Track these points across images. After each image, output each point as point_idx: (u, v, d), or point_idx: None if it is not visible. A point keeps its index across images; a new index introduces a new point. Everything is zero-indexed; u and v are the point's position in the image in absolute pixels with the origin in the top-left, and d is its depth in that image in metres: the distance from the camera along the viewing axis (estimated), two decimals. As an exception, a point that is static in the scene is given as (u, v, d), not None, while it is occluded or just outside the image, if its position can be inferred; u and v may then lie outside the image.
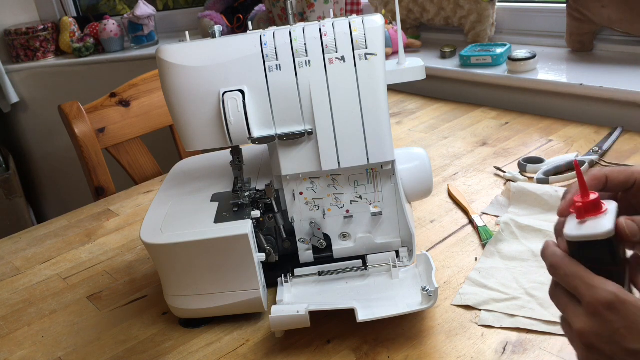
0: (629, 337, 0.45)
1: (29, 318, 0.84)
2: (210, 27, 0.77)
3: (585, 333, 0.47)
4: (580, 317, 0.48)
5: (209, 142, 0.76)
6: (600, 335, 0.47)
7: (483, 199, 0.98)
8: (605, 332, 0.46)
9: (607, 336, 0.46)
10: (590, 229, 0.49)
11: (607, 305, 0.46)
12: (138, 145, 1.36)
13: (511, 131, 1.24)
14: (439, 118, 1.37)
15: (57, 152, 2.45)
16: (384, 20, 0.75)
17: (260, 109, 0.74)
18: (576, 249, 0.50)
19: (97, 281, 0.90)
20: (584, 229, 0.49)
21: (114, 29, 2.26)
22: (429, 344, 0.68)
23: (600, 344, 0.47)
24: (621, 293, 0.46)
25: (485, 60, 1.45)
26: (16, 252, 1.03)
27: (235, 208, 0.76)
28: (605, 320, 0.46)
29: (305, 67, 0.73)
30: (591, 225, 0.49)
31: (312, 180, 0.78)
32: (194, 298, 0.74)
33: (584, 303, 0.48)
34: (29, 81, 2.37)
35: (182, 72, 0.74)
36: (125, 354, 0.74)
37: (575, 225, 0.50)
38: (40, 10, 2.46)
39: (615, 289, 0.46)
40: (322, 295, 0.76)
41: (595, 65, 1.35)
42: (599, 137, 1.14)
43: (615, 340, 0.46)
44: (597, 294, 0.46)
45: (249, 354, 0.71)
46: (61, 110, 1.28)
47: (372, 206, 0.79)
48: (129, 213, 1.12)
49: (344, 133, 0.74)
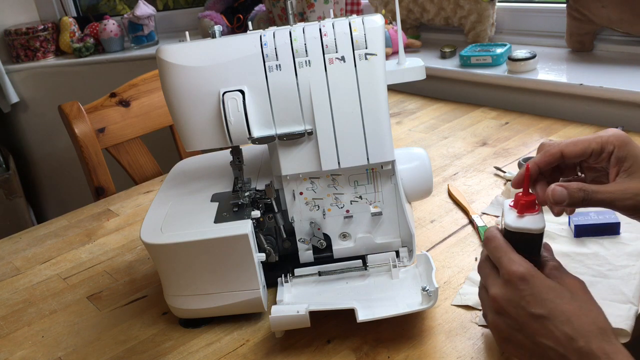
0: (533, 303, 0.55)
1: (29, 318, 0.84)
2: (210, 27, 0.77)
3: (498, 298, 0.57)
4: (497, 285, 0.58)
5: (209, 142, 0.76)
6: (510, 300, 0.56)
7: (483, 199, 0.98)
8: (515, 298, 0.56)
9: (516, 301, 0.56)
10: (528, 223, 0.59)
11: (520, 276, 0.56)
12: (138, 145, 1.36)
13: (511, 131, 1.24)
14: (439, 118, 1.37)
15: (57, 152, 2.45)
16: (384, 20, 0.75)
17: (260, 109, 0.74)
18: (511, 236, 0.60)
19: (97, 281, 0.90)
20: (522, 222, 0.59)
21: (114, 29, 2.26)
22: (429, 344, 0.68)
23: (509, 307, 0.56)
24: (533, 270, 0.56)
25: (485, 60, 1.45)
26: (16, 252, 1.03)
27: (235, 208, 0.76)
28: (516, 288, 0.56)
29: (305, 67, 0.73)
30: (529, 220, 0.59)
31: (312, 180, 0.78)
32: (194, 298, 0.74)
33: (502, 273, 0.57)
34: (29, 81, 2.37)
35: (182, 72, 0.74)
36: (125, 354, 0.74)
37: (515, 217, 0.60)
38: (40, 10, 2.46)
39: (529, 266, 0.56)
40: (322, 295, 0.76)
41: (595, 65, 1.35)
42: (599, 137, 1.14)
43: (521, 305, 0.55)
44: (514, 266, 0.56)
45: (249, 354, 0.71)
46: (61, 110, 1.28)
47: (372, 206, 0.79)
48: (129, 213, 1.12)
49: (344, 133, 0.74)
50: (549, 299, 0.55)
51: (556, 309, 0.54)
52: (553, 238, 0.82)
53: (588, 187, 0.58)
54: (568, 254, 0.78)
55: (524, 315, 0.55)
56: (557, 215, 0.62)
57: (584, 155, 0.60)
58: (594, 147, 0.59)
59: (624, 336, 0.65)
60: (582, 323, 0.53)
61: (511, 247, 0.59)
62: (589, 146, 0.59)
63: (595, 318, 0.54)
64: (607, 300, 0.70)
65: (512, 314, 0.56)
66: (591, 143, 0.59)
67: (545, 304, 0.55)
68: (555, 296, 0.55)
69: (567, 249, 0.79)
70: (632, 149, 0.59)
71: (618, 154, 0.59)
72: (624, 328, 0.65)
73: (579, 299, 0.55)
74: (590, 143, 0.60)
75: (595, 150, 0.59)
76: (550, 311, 0.54)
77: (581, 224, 0.81)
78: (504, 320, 0.58)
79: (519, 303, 0.56)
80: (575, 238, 0.82)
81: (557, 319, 0.54)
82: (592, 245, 0.80)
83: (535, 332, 0.55)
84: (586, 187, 0.58)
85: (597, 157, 0.60)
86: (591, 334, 0.53)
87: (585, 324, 0.53)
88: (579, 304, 0.55)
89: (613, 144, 0.59)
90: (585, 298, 0.56)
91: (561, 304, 0.54)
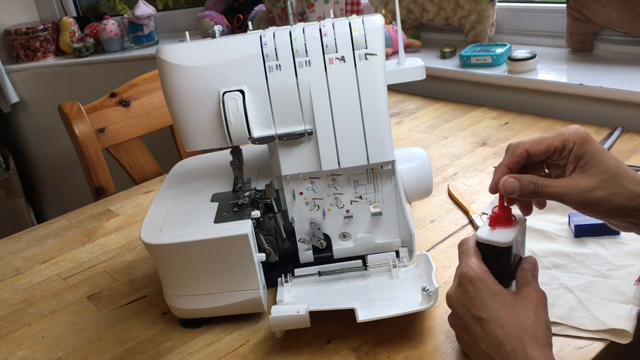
0: (477, 305, 0.59)
1: (29, 318, 0.84)
2: (210, 27, 0.76)
3: (450, 296, 0.62)
4: (453, 285, 0.63)
5: (209, 142, 0.76)
6: (458, 300, 0.61)
7: (483, 199, 0.98)
8: (462, 298, 0.60)
9: (462, 301, 0.60)
10: (495, 236, 0.62)
11: (469, 278, 0.60)
12: (138, 145, 1.36)
13: (511, 131, 1.24)
14: (439, 118, 1.37)
15: (57, 152, 2.45)
16: (384, 20, 0.75)
17: (260, 109, 0.74)
18: (480, 246, 0.63)
19: (97, 281, 0.90)
20: (491, 235, 0.62)
21: (114, 29, 2.26)
22: (429, 344, 0.68)
23: (457, 307, 0.61)
24: (483, 275, 0.60)
25: (485, 60, 1.45)
26: (16, 252, 1.03)
27: (235, 208, 0.76)
28: (464, 289, 0.60)
29: (305, 67, 0.73)
30: (497, 234, 0.62)
31: (312, 180, 0.78)
32: (194, 298, 0.74)
33: (457, 274, 0.62)
34: (29, 81, 2.37)
35: (182, 72, 0.74)
36: (125, 354, 0.74)
37: (487, 230, 0.63)
38: (40, 10, 2.46)
39: (481, 271, 0.60)
40: (322, 295, 0.76)
41: (595, 65, 1.35)
42: (599, 137, 1.14)
43: (466, 306, 0.60)
44: (466, 269, 0.61)
45: (249, 354, 0.71)
46: (61, 110, 1.28)
47: (372, 206, 0.79)
48: (129, 213, 1.12)
49: (344, 133, 0.74)
50: (489, 303, 0.58)
51: (494, 313, 0.58)
52: (553, 238, 0.82)
53: (540, 180, 0.60)
54: (568, 254, 0.78)
55: (468, 315, 0.60)
56: (526, 215, 0.65)
57: (548, 153, 0.62)
58: (556, 144, 0.61)
59: (625, 337, 0.65)
60: (513, 329, 0.56)
61: (475, 253, 0.62)
62: (552, 144, 0.61)
63: (530, 326, 0.56)
64: (607, 300, 0.69)
65: (460, 314, 0.61)
66: (554, 141, 0.61)
67: (486, 308, 0.58)
68: (496, 302, 0.58)
69: (567, 249, 0.79)
70: (590, 146, 0.60)
71: (576, 151, 0.61)
72: (626, 329, 0.65)
73: (521, 307, 0.58)
74: (552, 141, 0.62)
75: (557, 147, 0.61)
76: (488, 314, 0.58)
77: (581, 224, 0.81)
78: (455, 319, 0.63)
79: (464, 303, 0.60)
80: (576, 238, 0.82)
81: (492, 323, 0.57)
82: (592, 245, 0.80)
83: (474, 333, 0.59)
84: (538, 180, 0.60)
85: (559, 154, 0.62)
86: (519, 340, 0.55)
87: (516, 330, 0.56)
88: (517, 311, 0.57)
89: (574, 141, 0.61)
90: (529, 307, 0.58)
91: (499, 309, 0.58)
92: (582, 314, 0.68)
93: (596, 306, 0.69)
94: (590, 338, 0.66)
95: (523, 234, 0.65)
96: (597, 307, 0.69)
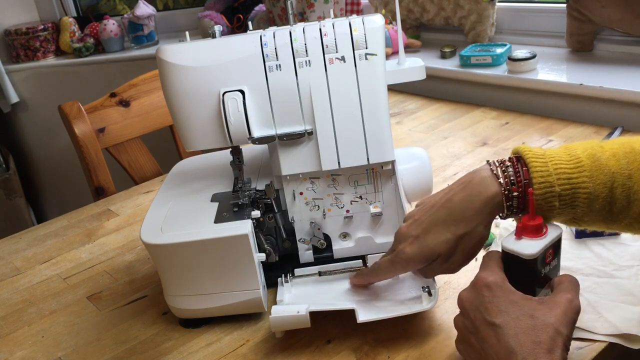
0: (491, 311, 0.57)
1: (29, 318, 0.84)
2: (210, 27, 0.77)
3: (463, 298, 0.61)
4: (467, 288, 0.61)
5: (209, 142, 0.76)
6: (471, 302, 0.59)
7: (483, 199, 0.98)
8: (476, 301, 0.59)
9: (476, 305, 0.58)
10: (518, 246, 0.59)
11: (486, 283, 0.58)
12: (138, 145, 1.36)
13: (511, 131, 1.24)
14: (439, 118, 1.37)
15: (57, 152, 2.45)
16: (384, 20, 0.75)
17: (260, 109, 0.74)
18: (505, 256, 0.60)
19: (97, 281, 0.90)
20: (514, 245, 0.59)
21: (114, 29, 2.26)
22: (429, 344, 0.68)
23: (469, 309, 0.59)
24: (502, 282, 0.58)
25: (485, 60, 1.45)
26: (16, 252, 1.03)
27: (235, 208, 0.76)
28: (479, 293, 0.58)
29: (305, 67, 0.73)
30: (522, 244, 0.59)
31: (312, 180, 0.78)
32: (194, 298, 0.74)
33: (475, 277, 0.60)
34: (29, 81, 2.37)
35: (182, 72, 0.74)
36: (125, 354, 0.74)
37: (513, 239, 0.60)
38: (40, 10, 2.46)
39: (499, 278, 0.59)
40: (322, 296, 0.76)
41: (595, 65, 1.35)
42: (599, 137, 1.14)
43: (480, 310, 0.58)
44: (485, 274, 0.59)
45: (249, 354, 0.71)
46: (61, 110, 1.28)
47: (372, 206, 0.79)
48: (129, 213, 1.12)
49: (344, 133, 0.74)
50: (506, 311, 0.56)
51: (510, 321, 0.56)
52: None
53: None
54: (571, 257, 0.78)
55: (480, 320, 0.58)
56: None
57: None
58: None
59: (637, 342, 0.64)
60: (528, 340, 0.54)
61: (497, 260, 0.61)
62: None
63: (547, 341, 0.54)
64: (616, 302, 0.69)
65: (471, 317, 0.59)
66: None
67: (502, 315, 0.56)
68: (514, 310, 0.56)
69: (569, 250, 0.79)
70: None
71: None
72: (637, 334, 0.64)
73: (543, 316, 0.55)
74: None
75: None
76: (503, 322, 0.56)
77: (581, 224, 0.81)
78: (464, 321, 0.61)
79: (478, 307, 0.58)
80: (577, 239, 0.82)
81: (507, 332, 0.55)
82: (593, 246, 0.80)
83: (484, 338, 0.57)
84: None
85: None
86: (532, 352, 0.53)
87: (531, 343, 0.54)
88: (537, 322, 0.55)
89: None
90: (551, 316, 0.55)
91: (516, 319, 0.56)
92: (592, 315, 0.68)
93: (606, 308, 0.68)
94: (594, 340, 0.65)
95: (556, 248, 0.61)
96: (607, 309, 0.68)
